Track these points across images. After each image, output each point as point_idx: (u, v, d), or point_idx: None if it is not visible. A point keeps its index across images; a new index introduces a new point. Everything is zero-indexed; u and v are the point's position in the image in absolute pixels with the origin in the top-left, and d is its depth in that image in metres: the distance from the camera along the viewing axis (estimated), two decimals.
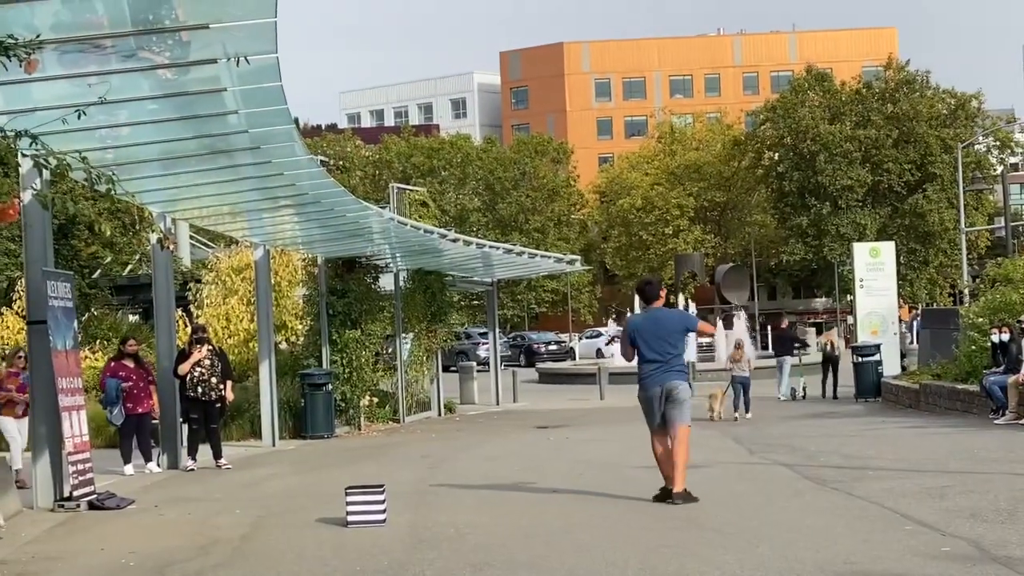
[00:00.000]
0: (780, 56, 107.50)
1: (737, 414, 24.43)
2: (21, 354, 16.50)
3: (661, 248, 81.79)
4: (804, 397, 30.35)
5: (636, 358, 12.83)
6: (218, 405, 18.28)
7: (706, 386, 33.35)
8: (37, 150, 7.70)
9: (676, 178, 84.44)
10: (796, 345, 32.92)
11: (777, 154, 79.57)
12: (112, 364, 17.65)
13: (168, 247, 9.55)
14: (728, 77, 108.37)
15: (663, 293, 12.92)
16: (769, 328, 49.76)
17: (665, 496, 12.30)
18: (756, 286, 79.75)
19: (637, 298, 13.24)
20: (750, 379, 25.31)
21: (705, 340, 47.46)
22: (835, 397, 29.95)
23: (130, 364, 17.48)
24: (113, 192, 8.39)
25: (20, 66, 7.61)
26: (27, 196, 12.46)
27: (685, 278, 51.62)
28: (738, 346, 26.14)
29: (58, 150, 9.12)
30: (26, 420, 16.10)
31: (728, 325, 49.49)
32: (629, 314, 13.20)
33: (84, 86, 11.61)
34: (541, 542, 10.39)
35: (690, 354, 43.02)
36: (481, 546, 10.23)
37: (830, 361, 30.92)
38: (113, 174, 8.44)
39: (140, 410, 17.40)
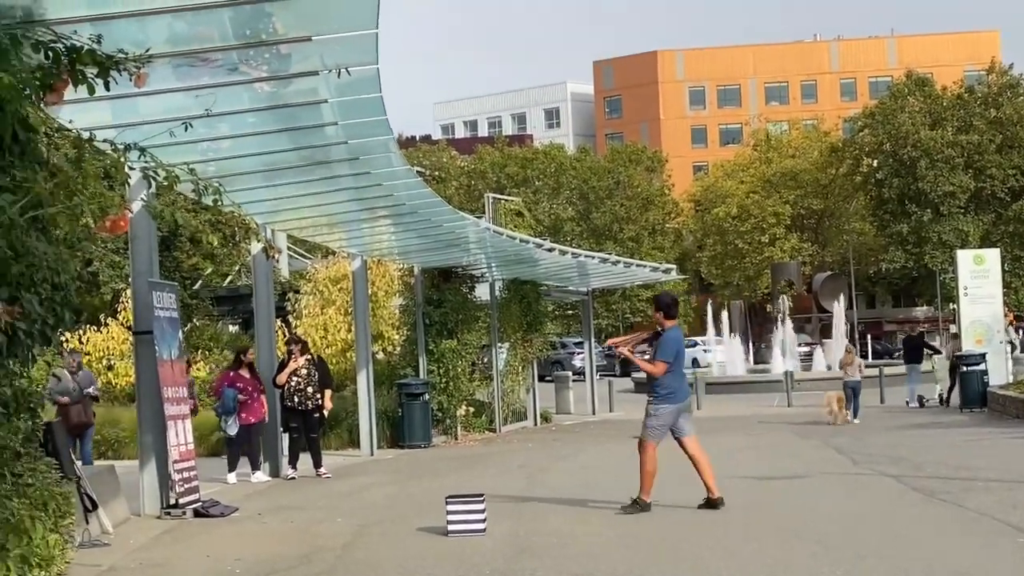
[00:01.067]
0: (878, 61, 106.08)
1: (847, 417, 24.66)
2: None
3: (757, 257, 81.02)
4: (936, 403, 29.73)
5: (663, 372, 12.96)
6: (316, 415, 18.40)
7: (805, 395, 32.98)
8: (146, 163, 7.82)
9: (772, 186, 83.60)
10: (929, 351, 32.31)
11: (876, 160, 78.36)
12: (231, 374, 17.73)
13: (273, 256, 9.67)
14: (825, 83, 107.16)
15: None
16: (898, 336, 48.82)
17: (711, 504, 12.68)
18: (855, 295, 78.65)
19: (662, 313, 13.22)
20: (860, 384, 25.68)
21: (803, 350, 47.02)
22: (955, 405, 29.30)
23: (246, 374, 17.60)
24: (220, 203, 8.48)
25: (130, 80, 7.75)
26: (136, 208, 12.68)
27: (782, 287, 51.10)
28: (848, 351, 26.31)
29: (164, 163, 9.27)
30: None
31: (827, 334, 48.95)
32: (667, 327, 13.18)
33: (187, 99, 11.80)
34: (642, 552, 10.33)
35: (790, 363, 42.75)
36: (583, 555, 10.20)
37: (957, 369, 30.24)
38: (220, 185, 8.54)
39: (253, 420, 17.56)
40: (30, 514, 8.12)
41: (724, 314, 52.14)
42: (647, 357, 13.58)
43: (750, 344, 57.32)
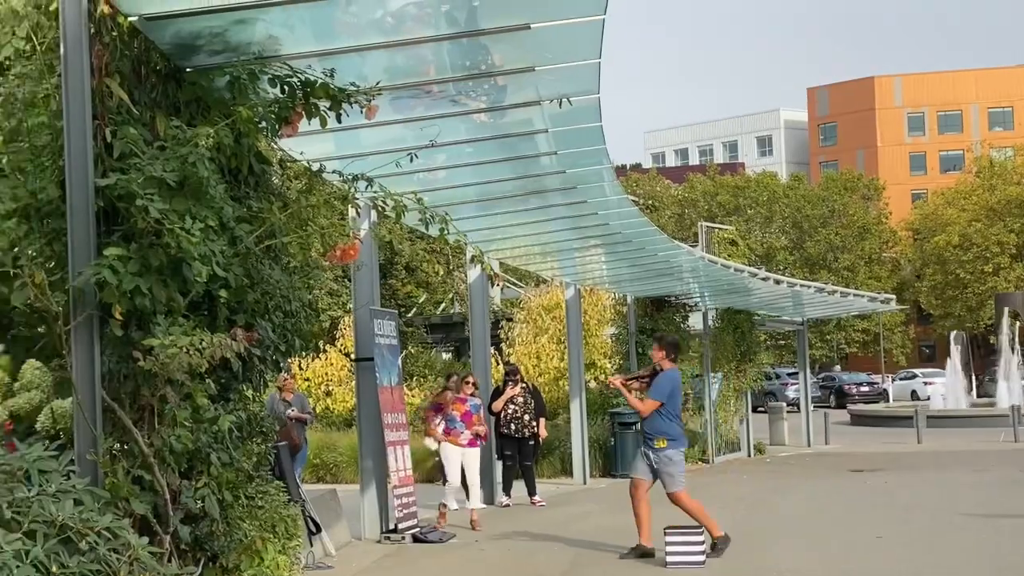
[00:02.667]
0: None
1: None
2: (470, 379, 16.07)
3: (980, 287, 78.20)
4: None
5: (660, 415, 12.39)
6: (531, 442, 18.47)
7: None
8: (374, 193, 8.01)
9: (996, 214, 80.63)
10: None
11: None
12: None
13: (498, 285, 9.80)
14: None
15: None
16: None
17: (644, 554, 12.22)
18: None
19: (664, 352, 12.72)
20: None
21: None
22: None
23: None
24: (446, 232, 8.61)
25: (361, 112, 7.94)
26: (363, 237, 12.99)
27: (1009, 318, 49.12)
28: None
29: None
30: (474, 451, 15.77)
31: None
32: (667, 368, 12.65)
33: (405, 130, 12.04)
34: None
35: (1016, 396, 40.95)
36: None
37: None
38: (447, 215, 8.67)
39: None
40: (261, 536, 8.33)
41: (948, 347, 50.39)
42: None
43: (972, 377, 55.32)
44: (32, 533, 5.92)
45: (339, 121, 7.98)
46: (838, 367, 78.17)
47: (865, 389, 61.22)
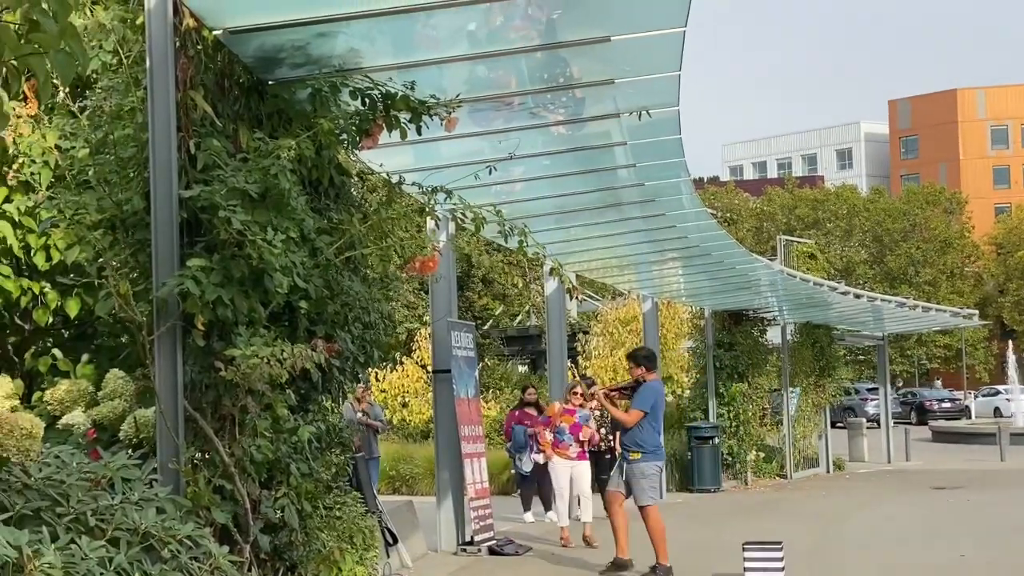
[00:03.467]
0: None
1: None
2: (578, 389, 15.53)
3: None
4: None
5: (641, 427, 12.26)
6: (608, 456, 18.40)
7: None
8: (453, 204, 8.02)
9: None
10: None
11: None
12: (516, 412, 17.99)
13: (576, 298, 9.77)
14: None
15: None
16: None
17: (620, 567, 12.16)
18: None
19: (641, 367, 12.55)
20: None
21: None
22: None
23: (533, 412, 17.80)
24: (525, 245, 8.60)
25: (440, 124, 7.96)
26: (442, 249, 13.03)
27: None
28: None
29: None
30: (583, 464, 15.41)
31: None
32: (649, 379, 12.47)
33: (481, 142, 12.05)
34: None
35: None
36: None
37: None
38: (525, 227, 8.67)
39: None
40: (339, 546, 8.37)
41: None
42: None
43: None
44: (115, 540, 5.98)
45: (419, 133, 8.01)
46: (938, 382, 76.61)
47: (947, 405, 60.30)
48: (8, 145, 8.92)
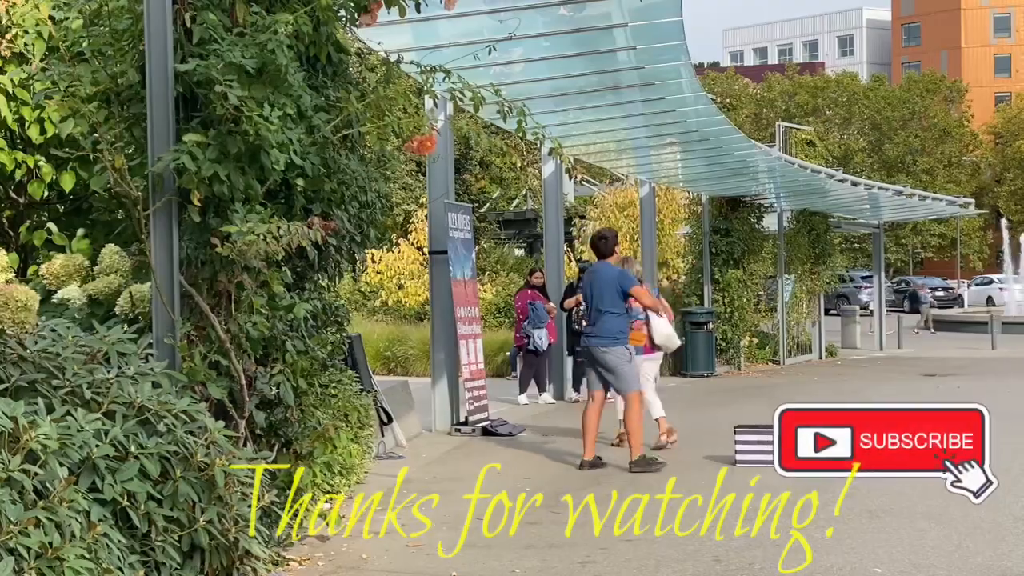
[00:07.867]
0: None
1: None
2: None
3: None
4: None
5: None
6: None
7: None
8: (452, 84, 7.93)
9: None
10: None
11: None
12: (529, 292, 17.95)
13: (576, 178, 9.69)
14: None
15: (618, 250, 12.23)
16: None
17: (593, 465, 11.53)
18: None
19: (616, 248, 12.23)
20: None
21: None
22: None
23: (539, 296, 17.83)
24: (524, 125, 8.53)
25: (440, 2, 7.84)
26: (440, 129, 12.94)
27: None
28: None
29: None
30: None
31: None
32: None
33: (481, 23, 11.91)
34: (937, 495, 9.95)
35: None
36: (875, 492, 9.97)
37: None
38: (524, 106, 8.58)
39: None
40: (333, 424, 8.44)
41: (1021, 250, 49.63)
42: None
43: None
44: (111, 414, 6.02)
45: (418, 11, 7.88)
46: (951, 281, 76.68)
47: (940, 294, 60.54)
48: (1, 15, 8.79)
